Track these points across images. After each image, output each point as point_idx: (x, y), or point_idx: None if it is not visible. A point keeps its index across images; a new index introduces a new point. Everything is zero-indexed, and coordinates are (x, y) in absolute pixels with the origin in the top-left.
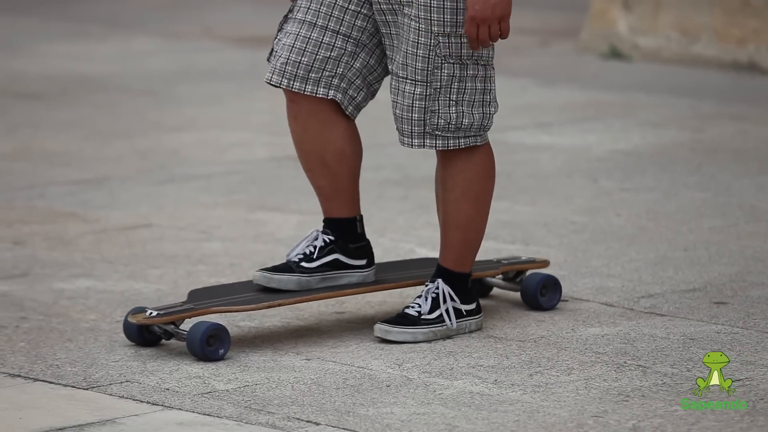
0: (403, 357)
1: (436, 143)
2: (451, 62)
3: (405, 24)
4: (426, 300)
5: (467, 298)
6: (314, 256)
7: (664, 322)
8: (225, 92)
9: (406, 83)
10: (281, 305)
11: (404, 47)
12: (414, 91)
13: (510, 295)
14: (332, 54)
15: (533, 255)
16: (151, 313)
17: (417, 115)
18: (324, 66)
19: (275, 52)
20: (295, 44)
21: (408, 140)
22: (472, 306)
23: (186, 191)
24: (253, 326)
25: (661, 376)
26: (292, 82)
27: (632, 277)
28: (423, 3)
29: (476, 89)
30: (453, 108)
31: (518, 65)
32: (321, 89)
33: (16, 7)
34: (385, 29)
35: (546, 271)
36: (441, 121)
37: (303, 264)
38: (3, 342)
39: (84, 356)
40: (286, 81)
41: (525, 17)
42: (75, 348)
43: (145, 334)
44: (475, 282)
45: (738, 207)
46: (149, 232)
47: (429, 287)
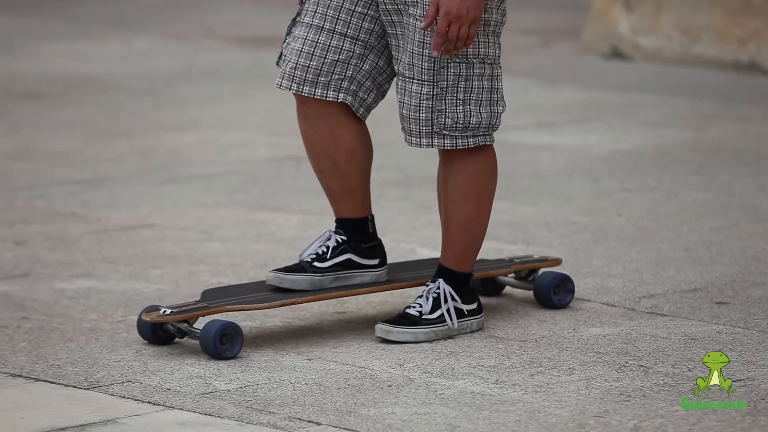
0: (405, 357)
1: (444, 143)
2: (457, 61)
3: (410, 24)
4: (427, 300)
5: (468, 298)
6: (327, 256)
7: (666, 322)
8: (226, 92)
9: (413, 83)
10: (295, 304)
11: (410, 47)
12: (420, 91)
13: (513, 295)
14: (341, 57)
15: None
16: (165, 311)
17: (424, 115)
18: (333, 69)
19: (284, 57)
20: (304, 48)
21: (416, 140)
22: (474, 306)
23: (187, 191)
24: (255, 326)
25: (663, 376)
26: (302, 87)
27: (633, 277)
28: (428, 3)
29: (483, 88)
30: (460, 107)
31: (519, 65)
32: (331, 92)
33: (17, 7)
34: (392, 30)
35: (557, 270)
36: (448, 121)
37: (316, 264)
38: (4, 342)
39: (85, 356)
40: (296, 85)
41: (526, 17)
42: (76, 348)
43: (159, 332)
44: (487, 281)
45: (739, 207)
46: (150, 232)
47: (430, 287)
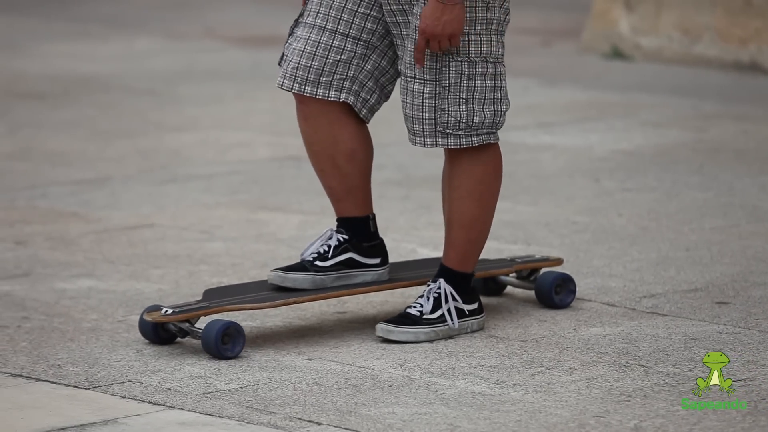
0: (405, 357)
1: (448, 141)
2: (459, 60)
3: (413, 23)
4: (428, 300)
5: (469, 298)
6: (329, 255)
7: (666, 322)
8: (227, 92)
9: (415, 82)
10: (296, 303)
11: (412, 46)
12: (423, 90)
13: (513, 295)
14: (342, 57)
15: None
16: (167, 311)
17: (427, 114)
18: (335, 69)
19: (286, 57)
20: (306, 48)
21: (420, 140)
22: (475, 306)
23: (187, 191)
24: (255, 326)
25: (663, 376)
26: (304, 87)
27: (634, 277)
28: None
29: (486, 86)
30: (463, 106)
31: (520, 65)
32: (332, 92)
33: (17, 7)
34: (396, 30)
35: (558, 270)
36: (451, 120)
37: (317, 263)
38: (5, 342)
39: (86, 356)
40: (298, 85)
41: (527, 17)
42: (77, 348)
43: (161, 332)
44: (489, 280)
45: (740, 207)
46: (151, 232)
47: (431, 287)
